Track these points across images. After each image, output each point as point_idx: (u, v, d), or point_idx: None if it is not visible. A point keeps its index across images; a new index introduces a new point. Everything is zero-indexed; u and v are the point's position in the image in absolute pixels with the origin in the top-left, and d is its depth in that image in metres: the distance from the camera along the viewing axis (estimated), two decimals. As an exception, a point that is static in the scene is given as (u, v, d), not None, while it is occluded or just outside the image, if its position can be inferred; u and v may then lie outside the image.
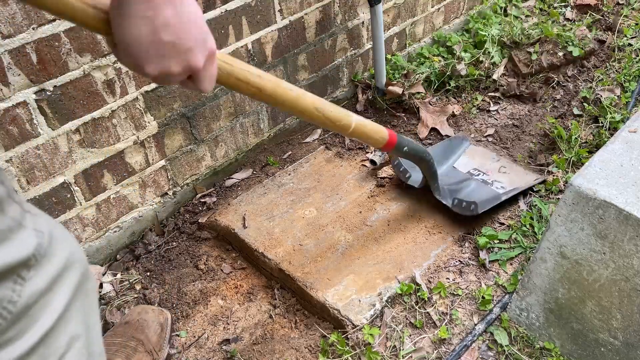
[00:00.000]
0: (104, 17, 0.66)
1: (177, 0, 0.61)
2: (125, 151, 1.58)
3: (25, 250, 0.52)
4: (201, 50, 0.66)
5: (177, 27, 0.61)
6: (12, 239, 0.51)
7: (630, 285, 1.10)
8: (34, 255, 0.53)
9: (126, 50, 0.62)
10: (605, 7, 2.54)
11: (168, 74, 0.65)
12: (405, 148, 1.43)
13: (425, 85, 2.21)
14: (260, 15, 1.72)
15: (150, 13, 0.59)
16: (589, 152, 1.82)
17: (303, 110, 1.09)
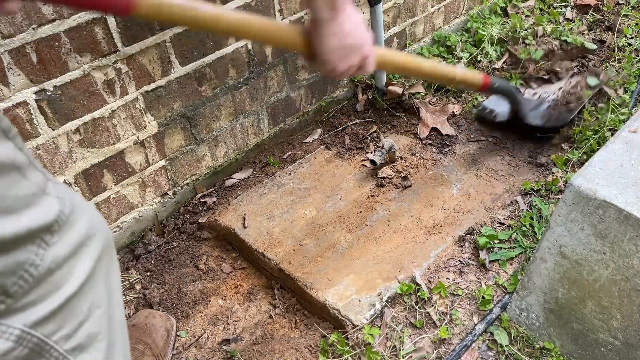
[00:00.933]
0: (306, 40, 0.96)
1: (351, 14, 0.88)
2: (125, 151, 1.58)
3: (48, 215, 0.53)
4: (368, 43, 0.95)
5: (353, 32, 0.89)
6: (35, 204, 0.53)
7: (630, 285, 1.10)
8: (56, 221, 0.55)
9: (324, 58, 0.91)
10: (605, 7, 2.54)
11: (352, 66, 0.94)
12: (497, 85, 1.70)
13: (425, 85, 2.21)
14: (261, 15, 1.73)
15: (338, 29, 0.87)
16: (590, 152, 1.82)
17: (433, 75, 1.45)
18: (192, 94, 1.67)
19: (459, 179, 1.81)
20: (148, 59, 1.50)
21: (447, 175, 1.83)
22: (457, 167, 1.87)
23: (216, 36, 1.57)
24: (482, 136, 2.01)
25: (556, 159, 1.81)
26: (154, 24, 1.46)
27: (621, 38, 2.35)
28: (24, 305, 0.52)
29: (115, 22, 1.38)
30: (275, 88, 1.93)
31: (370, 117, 2.13)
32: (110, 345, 0.66)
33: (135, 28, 1.43)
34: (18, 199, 0.51)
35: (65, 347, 0.58)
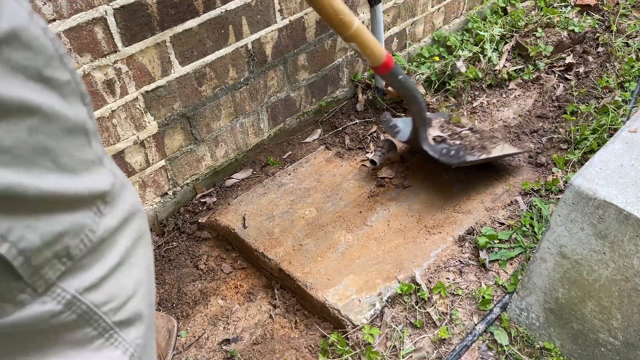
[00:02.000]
0: None
1: None
2: (125, 151, 1.58)
3: (104, 184, 0.55)
4: None
5: None
6: (94, 172, 0.54)
7: (630, 285, 1.10)
8: (110, 192, 0.56)
9: None
10: (605, 7, 2.54)
11: None
12: (401, 77, 1.39)
13: (426, 85, 2.21)
14: (260, 15, 1.72)
15: None
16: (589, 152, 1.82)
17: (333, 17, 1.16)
18: (192, 94, 1.67)
19: (459, 179, 1.81)
20: (148, 58, 1.50)
21: (447, 175, 1.83)
22: (457, 167, 1.86)
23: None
24: (482, 136, 2.01)
25: (556, 159, 1.81)
26: (154, 24, 1.46)
27: (621, 38, 2.35)
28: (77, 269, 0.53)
29: (115, 22, 1.38)
30: (275, 88, 1.93)
31: (370, 117, 2.14)
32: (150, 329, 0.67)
33: (136, 28, 1.43)
34: (83, 162, 0.52)
35: (114, 319, 0.60)
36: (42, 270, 0.50)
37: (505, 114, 2.11)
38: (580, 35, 2.38)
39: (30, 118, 0.44)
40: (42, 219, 0.48)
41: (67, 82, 0.50)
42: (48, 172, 0.47)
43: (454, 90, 2.20)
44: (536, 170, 1.83)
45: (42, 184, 0.47)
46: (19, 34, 0.43)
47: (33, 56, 0.44)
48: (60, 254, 0.51)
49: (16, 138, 0.43)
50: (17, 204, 0.45)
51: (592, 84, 2.16)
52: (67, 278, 0.53)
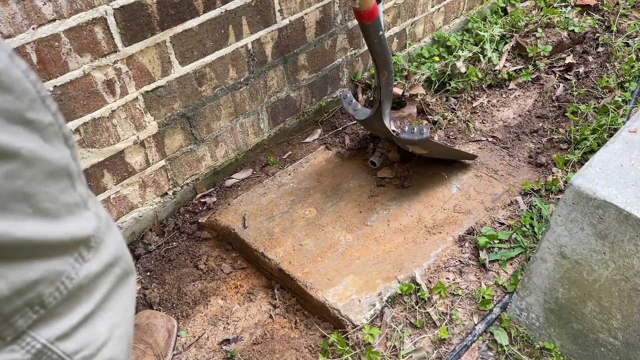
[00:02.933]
0: None
1: None
2: (125, 151, 1.58)
3: (87, 228, 0.53)
4: None
5: None
6: (78, 215, 0.53)
7: (630, 285, 1.10)
8: (93, 236, 0.54)
9: None
10: (605, 7, 2.54)
11: None
12: (381, 34, 1.37)
13: (426, 85, 2.21)
14: (260, 15, 1.73)
15: None
16: (589, 152, 1.82)
17: None
18: (192, 94, 1.67)
19: (459, 179, 1.81)
20: (148, 59, 1.50)
21: (447, 175, 1.83)
22: (457, 167, 1.86)
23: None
24: (482, 136, 2.01)
25: (556, 159, 1.81)
26: (154, 24, 1.46)
27: (621, 38, 2.35)
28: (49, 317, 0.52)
29: (115, 22, 1.38)
30: (275, 88, 1.93)
31: (370, 117, 2.13)
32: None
33: (136, 28, 1.43)
34: (66, 206, 0.50)
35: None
36: (12, 319, 0.47)
37: (505, 114, 2.11)
38: (580, 35, 2.38)
39: (7, 163, 0.42)
40: (13, 267, 0.46)
41: (50, 124, 0.48)
42: (25, 218, 0.45)
43: (454, 90, 2.20)
44: (536, 170, 1.83)
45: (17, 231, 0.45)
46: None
47: (13, 99, 0.43)
48: (32, 303, 0.49)
49: None
50: None
51: (592, 84, 2.16)
52: (38, 326, 0.50)
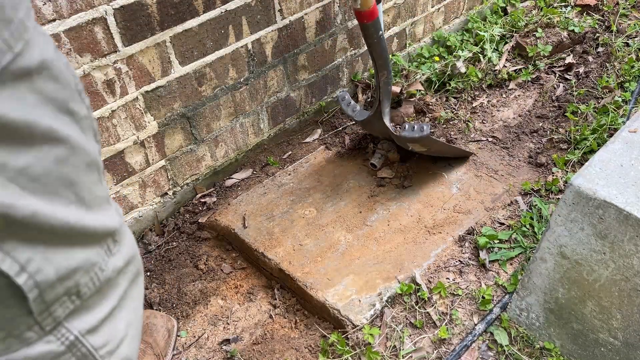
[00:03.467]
0: None
1: None
2: (125, 151, 1.58)
3: (114, 222, 0.54)
4: None
5: None
6: (105, 209, 0.54)
7: (630, 285, 1.10)
8: (118, 231, 0.55)
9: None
10: (605, 7, 2.54)
11: None
12: (381, 33, 1.39)
13: (426, 85, 2.21)
14: (260, 15, 1.73)
15: None
16: (589, 152, 1.82)
17: None
18: (192, 94, 1.67)
19: (459, 179, 1.81)
20: (148, 59, 1.50)
21: (447, 175, 1.83)
22: (457, 167, 1.86)
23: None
24: (482, 136, 2.01)
25: (556, 159, 1.81)
26: (154, 24, 1.46)
27: (621, 38, 2.35)
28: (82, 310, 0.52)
29: (115, 22, 1.38)
30: (275, 88, 1.93)
31: (370, 117, 2.13)
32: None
33: (136, 28, 1.43)
34: (97, 198, 0.52)
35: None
36: (52, 307, 0.48)
37: (505, 114, 2.11)
38: (580, 35, 2.38)
39: (58, 148, 0.44)
40: (59, 252, 0.47)
41: (86, 117, 0.50)
42: (70, 204, 0.46)
43: (454, 90, 2.20)
44: (536, 170, 1.83)
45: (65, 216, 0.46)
46: (49, 66, 0.44)
47: (60, 88, 0.45)
48: (71, 292, 0.50)
49: (45, 167, 0.43)
50: (39, 233, 0.44)
51: (592, 84, 2.16)
52: (72, 318, 0.51)
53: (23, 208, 0.42)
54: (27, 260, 0.44)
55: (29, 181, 0.42)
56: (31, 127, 0.41)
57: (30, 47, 0.42)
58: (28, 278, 0.45)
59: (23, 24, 0.42)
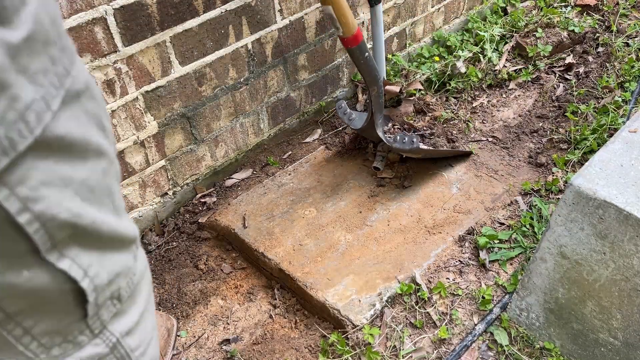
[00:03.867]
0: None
1: None
2: (125, 151, 1.58)
3: (136, 229, 0.58)
4: None
5: None
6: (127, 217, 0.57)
7: (630, 285, 1.10)
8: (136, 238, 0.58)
9: None
10: (605, 7, 2.54)
11: None
12: (367, 55, 1.44)
13: (426, 85, 2.21)
14: (260, 15, 1.73)
15: None
16: (589, 152, 1.82)
17: None
18: (192, 94, 1.67)
19: (459, 179, 1.81)
20: (148, 59, 1.50)
21: (447, 175, 1.83)
22: (457, 167, 1.87)
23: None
24: (482, 136, 2.01)
25: (556, 159, 1.81)
26: (154, 24, 1.46)
27: (621, 38, 2.35)
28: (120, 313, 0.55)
29: (115, 22, 1.38)
30: (275, 88, 1.93)
31: (370, 117, 2.13)
32: None
33: (136, 28, 1.43)
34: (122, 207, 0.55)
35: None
36: (101, 311, 0.51)
37: (505, 114, 2.11)
38: (580, 35, 2.38)
39: (103, 161, 0.48)
40: (108, 257, 0.50)
41: (111, 131, 0.53)
42: (110, 212, 0.50)
43: (454, 90, 2.20)
44: (536, 170, 1.83)
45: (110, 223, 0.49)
46: (90, 87, 0.48)
47: (97, 106, 0.48)
48: (114, 295, 0.53)
49: (96, 179, 0.47)
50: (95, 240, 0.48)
51: (592, 84, 2.16)
52: (114, 321, 0.54)
53: (86, 217, 0.46)
54: (87, 265, 0.48)
55: (87, 192, 0.46)
56: (87, 143, 0.45)
57: (78, 69, 0.46)
58: (90, 282, 0.48)
59: (72, 49, 0.46)
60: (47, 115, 0.41)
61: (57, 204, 0.42)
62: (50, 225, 0.42)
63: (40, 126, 0.40)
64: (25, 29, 0.39)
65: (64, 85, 0.43)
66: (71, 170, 0.44)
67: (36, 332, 0.47)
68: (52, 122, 0.41)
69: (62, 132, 0.42)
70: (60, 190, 0.43)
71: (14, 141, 0.38)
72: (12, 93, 0.37)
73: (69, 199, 0.44)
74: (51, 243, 0.43)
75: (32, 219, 0.41)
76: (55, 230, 0.43)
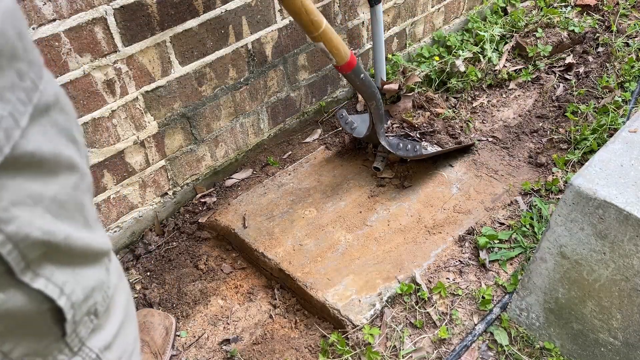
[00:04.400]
0: None
1: None
2: (125, 151, 1.58)
3: (108, 241, 0.57)
4: None
5: None
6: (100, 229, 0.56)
7: (630, 285, 1.10)
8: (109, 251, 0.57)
9: None
10: (605, 7, 2.54)
11: None
12: (362, 76, 1.47)
13: (426, 83, 2.21)
14: (260, 15, 1.73)
15: None
16: (589, 152, 1.82)
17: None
18: (192, 94, 1.67)
19: (459, 179, 1.81)
20: (148, 58, 1.50)
21: (447, 175, 1.83)
22: (457, 167, 1.87)
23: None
24: (482, 136, 2.01)
25: (556, 159, 1.81)
26: (154, 24, 1.46)
27: (621, 38, 2.35)
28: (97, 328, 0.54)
29: (115, 22, 1.38)
30: (275, 88, 1.93)
31: (370, 117, 2.13)
32: None
33: (136, 28, 1.43)
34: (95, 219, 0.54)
35: None
36: (78, 328, 0.51)
37: (505, 114, 2.11)
38: (580, 35, 2.38)
39: (74, 175, 0.47)
40: (81, 272, 0.50)
41: (83, 144, 0.53)
42: (82, 227, 0.49)
43: (454, 89, 2.20)
44: (536, 170, 1.83)
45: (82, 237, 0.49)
46: (60, 99, 0.47)
47: (67, 119, 0.48)
48: (90, 311, 0.52)
49: (67, 193, 0.46)
50: (67, 256, 0.47)
51: (592, 84, 2.16)
52: (91, 337, 0.53)
53: (59, 233, 0.45)
54: (63, 283, 0.47)
55: (58, 208, 0.45)
56: (57, 158, 0.45)
57: (47, 82, 0.45)
58: (66, 300, 0.47)
59: (40, 62, 0.45)
60: (15, 133, 0.39)
61: (28, 224, 0.41)
62: (23, 246, 0.42)
63: (9, 144, 0.39)
64: None
65: (32, 101, 0.42)
66: (42, 187, 0.43)
67: (15, 356, 0.46)
68: (21, 139, 0.40)
69: (32, 149, 0.41)
70: (31, 209, 0.42)
71: None
72: None
73: (40, 216, 0.43)
74: (25, 263, 0.43)
75: (5, 240, 0.40)
76: (28, 250, 0.42)
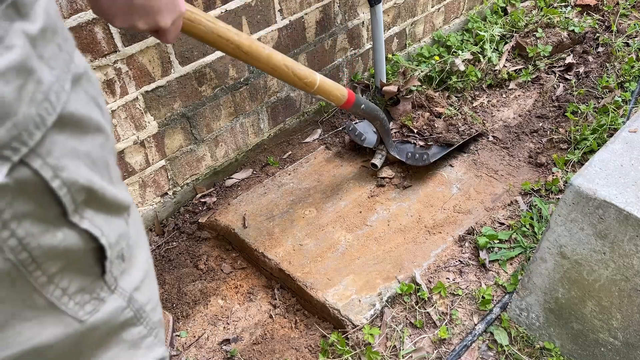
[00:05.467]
0: None
1: None
2: (125, 151, 1.58)
3: (129, 197, 0.62)
4: (170, 13, 0.84)
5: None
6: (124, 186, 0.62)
7: (630, 285, 1.10)
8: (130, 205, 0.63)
9: (102, 7, 0.80)
10: (605, 7, 2.54)
11: (134, 28, 0.83)
12: (363, 106, 1.53)
13: (426, 82, 2.21)
14: (260, 15, 1.72)
15: None
16: (589, 152, 1.82)
17: (274, 67, 1.22)
18: (192, 94, 1.67)
19: (459, 179, 1.81)
20: (148, 58, 1.50)
21: (447, 175, 1.83)
22: (457, 167, 1.86)
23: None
24: (482, 136, 2.01)
25: (556, 159, 1.81)
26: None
27: (621, 38, 2.35)
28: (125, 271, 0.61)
29: (115, 22, 1.38)
30: (275, 88, 1.93)
31: (370, 117, 2.13)
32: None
33: (135, 28, 1.43)
34: (118, 177, 0.61)
35: (154, 319, 0.67)
36: (112, 268, 0.57)
37: (505, 114, 2.11)
38: (580, 35, 2.38)
39: (100, 136, 0.54)
40: (113, 220, 0.56)
41: (106, 110, 0.59)
42: (108, 182, 0.56)
43: (454, 89, 2.20)
44: (536, 170, 1.83)
45: (110, 189, 0.55)
46: (88, 71, 0.55)
47: (93, 87, 0.55)
48: (119, 254, 0.58)
49: (96, 151, 0.53)
50: (102, 204, 0.54)
51: (592, 84, 2.16)
52: (122, 278, 0.59)
53: (95, 182, 0.52)
54: (100, 225, 0.53)
55: (91, 162, 0.52)
56: (89, 119, 0.52)
57: (77, 56, 0.54)
58: (106, 240, 0.54)
59: (72, 38, 0.54)
60: (63, 95, 0.47)
61: (75, 172, 0.49)
62: (74, 189, 0.49)
63: (60, 104, 0.47)
64: (40, 21, 0.45)
65: (70, 70, 0.50)
66: (79, 144, 0.50)
67: (71, 292, 0.52)
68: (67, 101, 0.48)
69: (72, 110, 0.49)
70: (73, 160, 0.49)
71: (44, 118, 0.45)
72: (37, 77, 0.44)
73: (82, 167, 0.50)
74: (74, 206, 0.49)
75: (62, 184, 0.47)
76: (76, 194, 0.49)
